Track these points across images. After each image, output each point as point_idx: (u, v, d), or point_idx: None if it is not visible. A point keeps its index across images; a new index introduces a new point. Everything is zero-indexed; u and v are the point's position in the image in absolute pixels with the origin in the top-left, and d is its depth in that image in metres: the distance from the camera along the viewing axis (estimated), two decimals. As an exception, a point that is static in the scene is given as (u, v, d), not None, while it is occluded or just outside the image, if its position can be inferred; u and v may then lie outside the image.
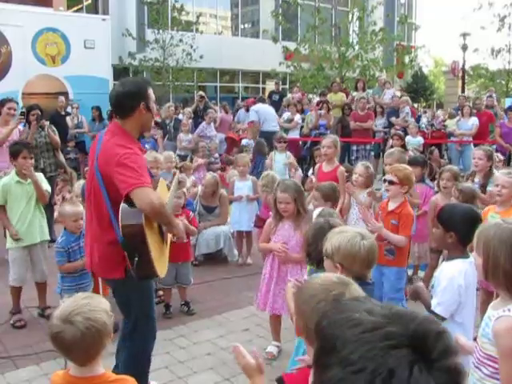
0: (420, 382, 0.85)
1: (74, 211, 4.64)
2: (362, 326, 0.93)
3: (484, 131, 12.32)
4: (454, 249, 3.07)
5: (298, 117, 12.87)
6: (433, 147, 11.77)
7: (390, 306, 1.01)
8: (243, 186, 7.14)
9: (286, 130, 12.34)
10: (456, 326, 2.85)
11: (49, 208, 6.38)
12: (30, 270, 5.23)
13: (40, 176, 5.39)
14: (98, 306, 2.13)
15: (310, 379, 1.05)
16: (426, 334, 0.91)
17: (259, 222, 6.72)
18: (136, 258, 3.01)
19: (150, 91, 3.34)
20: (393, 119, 12.95)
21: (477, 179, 5.85)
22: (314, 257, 3.11)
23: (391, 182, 4.49)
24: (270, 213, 4.61)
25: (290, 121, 12.70)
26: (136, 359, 3.42)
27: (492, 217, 4.41)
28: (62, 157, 8.25)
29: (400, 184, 4.47)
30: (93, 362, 2.15)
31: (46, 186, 5.36)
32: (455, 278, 2.91)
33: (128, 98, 3.24)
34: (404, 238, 4.37)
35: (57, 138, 7.88)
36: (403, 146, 8.77)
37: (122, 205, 2.99)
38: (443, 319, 2.91)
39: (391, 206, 4.52)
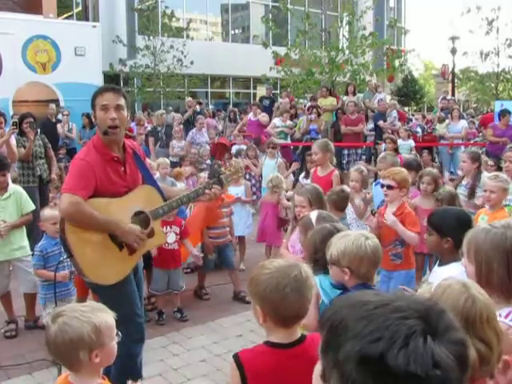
0: (434, 350, 0.89)
1: (51, 215, 4.72)
2: (371, 303, 0.97)
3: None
4: (449, 254, 3.07)
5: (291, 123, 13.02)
6: (425, 150, 11.83)
7: (394, 291, 1.07)
8: (237, 192, 7.12)
9: (286, 135, 12.49)
10: None
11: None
12: (18, 280, 5.18)
13: (19, 192, 5.27)
14: (90, 316, 2.05)
15: (317, 372, 1.07)
16: (429, 311, 0.96)
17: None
18: (68, 258, 3.33)
19: (97, 99, 3.37)
20: (380, 123, 13.01)
21: (465, 182, 5.89)
22: (322, 264, 2.95)
23: (390, 187, 4.45)
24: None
25: (291, 127, 12.77)
26: (121, 362, 3.40)
27: (482, 218, 4.45)
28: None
29: (399, 188, 4.44)
30: (81, 371, 2.08)
31: (29, 206, 5.28)
32: None
33: None
34: (416, 234, 4.30)
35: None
36: (396, 150, 8.78)
37: None
38: None
39: (389, 210, 4.48)
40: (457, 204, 4.82)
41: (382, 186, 4.56)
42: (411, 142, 11.57)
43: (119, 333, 2.17)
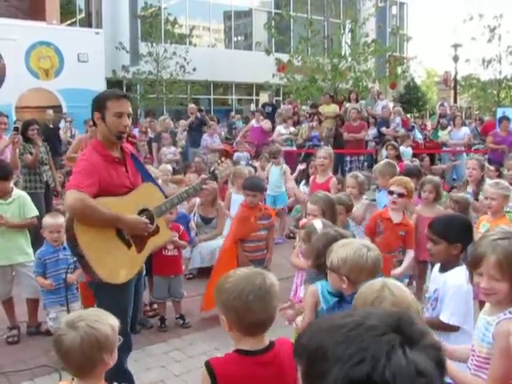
0: (415, 359, 0.91)
1: (50, 223, 4.73)
2: (345, 327, 0.98)
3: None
4: (455, 259, 3.08)
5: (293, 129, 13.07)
6: (424, 155, 11.83)
7: (359, 309, 1.09)
8: (240, 199, 7.10)
9: (292, 142, 12.58)
10: (465, 336, 2.80)
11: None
12: (21, 286, 5.17)
13: (23, 197, 5.26)
14: (106, 319, 2.11)
15: None
16: (400, 321, 0.98)
17: None
18: (76, 258, 3.36)
19: (111, 103, 3.35)
20: (383, 129, 13.04)
21: (469, 189, 5.87)
22: (325, 269, 2.84)
23: (401, 195, 4.45)
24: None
25: (295, 134, 12.85)
26: (110, 371, 3.40)
27: (483, 226, 4.43)
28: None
29: (408, 196, 4.47)
30: (92, 377, 2.10)
31: (32, 212, 5.24)
32: (463, 285, 2.89)
33: (91, 108, 3.46)
34: (413, 250, 4.58)
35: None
36: (398, 156, 8.79)
37: None
38: (453, 329, 2.92)
39: (395, 217, 4.48)
40: (468, 212, 4.84)
41: (391, 192, 4.55)
42: (409, 150, 11.59)
43: (120, 338, 2.19)
